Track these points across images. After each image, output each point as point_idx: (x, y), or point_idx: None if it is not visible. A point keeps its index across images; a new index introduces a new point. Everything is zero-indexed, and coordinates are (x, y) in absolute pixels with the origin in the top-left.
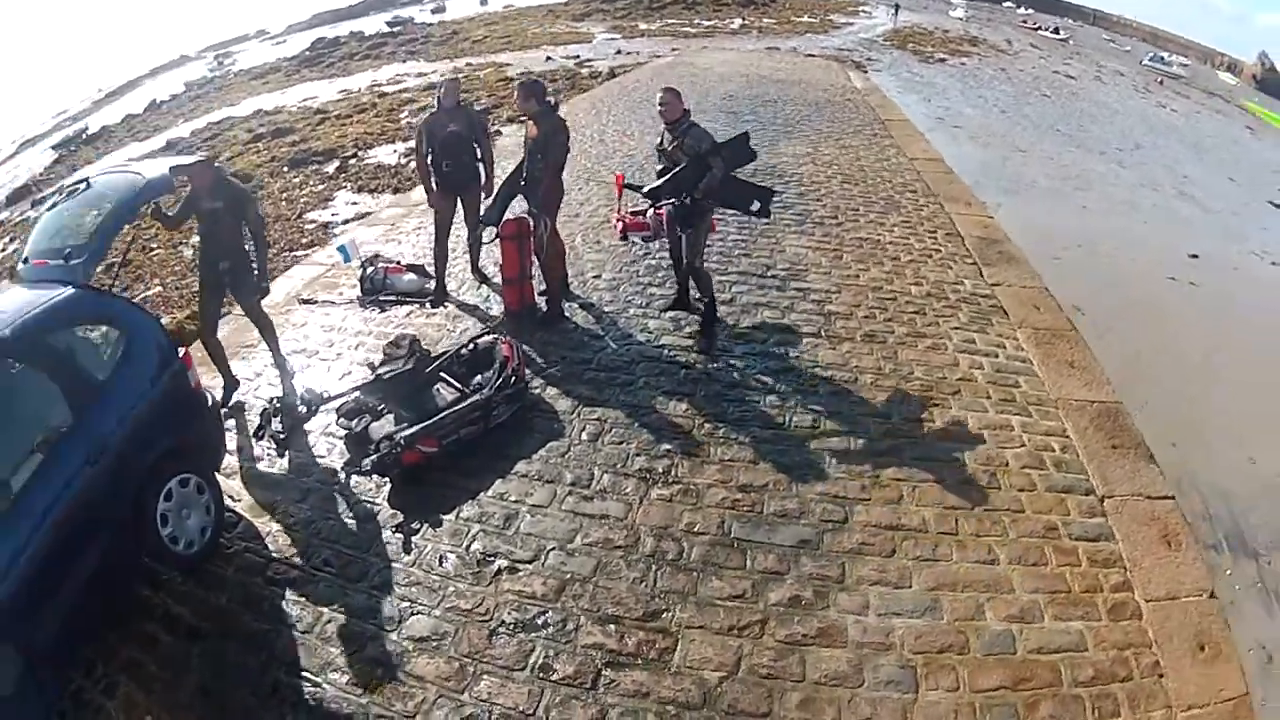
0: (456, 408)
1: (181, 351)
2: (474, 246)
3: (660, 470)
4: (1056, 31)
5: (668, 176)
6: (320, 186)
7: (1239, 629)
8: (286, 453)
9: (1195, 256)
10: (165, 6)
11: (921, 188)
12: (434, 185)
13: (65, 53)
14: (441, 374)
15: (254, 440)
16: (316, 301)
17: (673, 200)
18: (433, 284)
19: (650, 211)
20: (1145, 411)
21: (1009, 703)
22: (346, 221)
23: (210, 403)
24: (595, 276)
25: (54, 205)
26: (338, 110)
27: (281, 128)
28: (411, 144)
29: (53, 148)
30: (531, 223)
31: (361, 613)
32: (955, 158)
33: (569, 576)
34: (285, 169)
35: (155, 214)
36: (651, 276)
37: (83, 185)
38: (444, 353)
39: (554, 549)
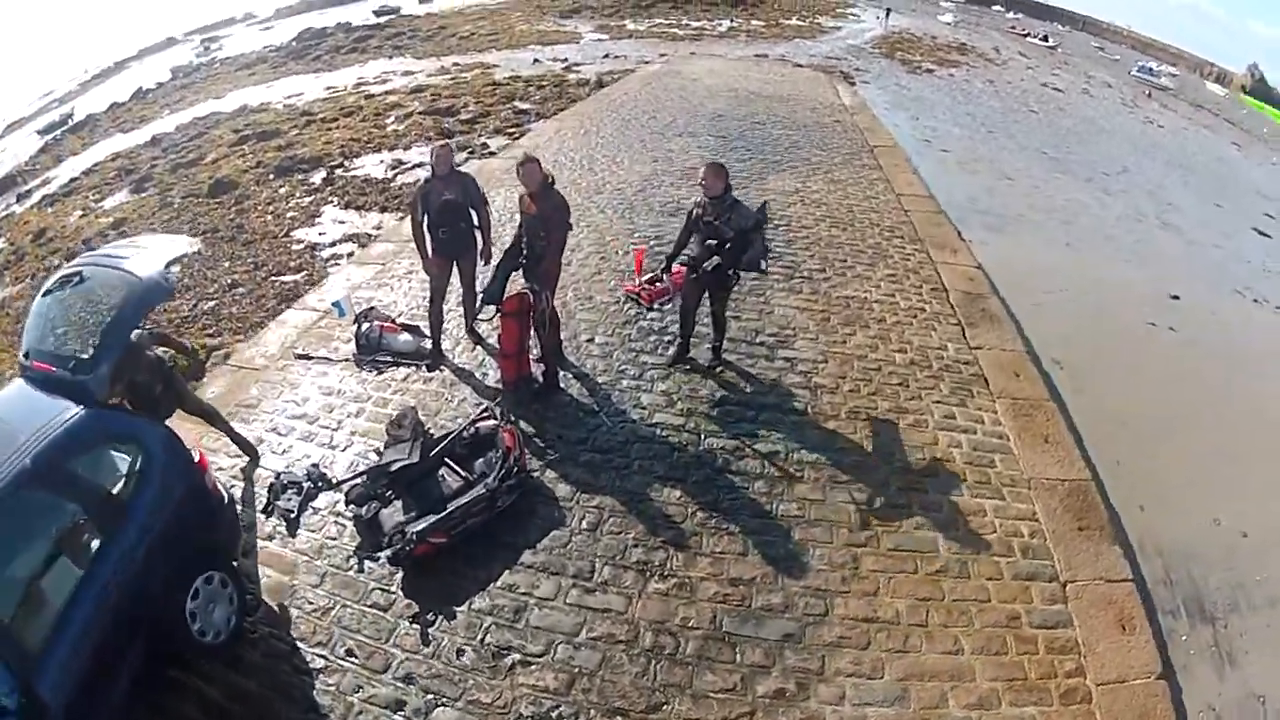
0: (463, 500)
1: (196, 455)
2: (469, 307)
3: (657, 563)
4: (1045, 39)
5: (724, 252)
6: (307, 199)
7: (1191, 694)
8: (298, 531)
9: (1176, 298)
10: None
11: (909, 231)
12: (429, 251)
13: (52, 29)
14: (445, 459)
15: (264, 516)
16: (312, 357)
17: (700, 267)
18: (428, 343)
19: (666, 277)
20: (1117, 472)
21: None
22: (334, 243)
23: (227, 499)
24: (588, 340)
25: (49, 293)
26: (324, 112)
27: (267, 130)
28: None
29: (38, 133)
30: (532, 298)
31: (389, 704)
32: (942, 188)
33: (578, 670)
34: (271, 176)
35: None
36: (644, 341)
37: (76, 278)
38: (446, 435)
39: (562, 643)
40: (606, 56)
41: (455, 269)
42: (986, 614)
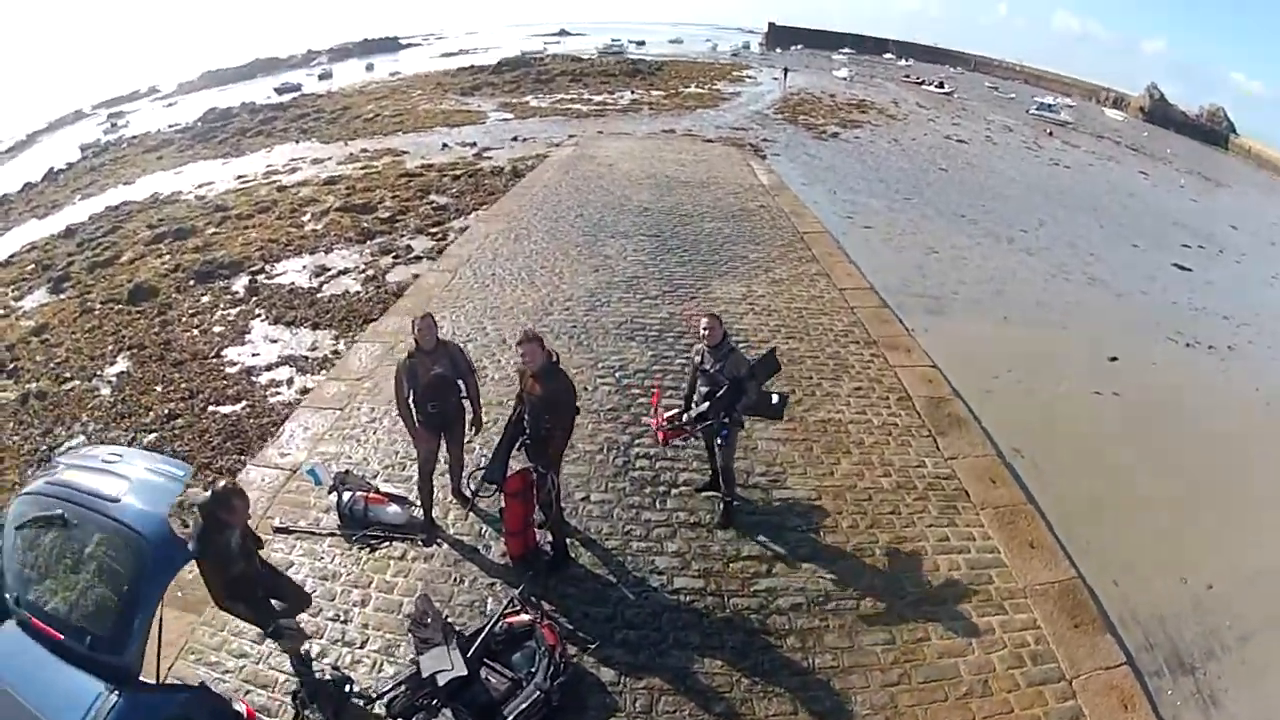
0: (522, 705)
1: (244, 709)
2: (456, 473)
3: None
4: (941, 85)
5: (713, 400)
6: (232, 312)
7: None
8: None
9: (1114, 359)
10: (61, 53)
11: (861, 334)
12: (418, 425)
13: None
14: (484, 659)
15: None
16: (294, 531)
17: (709, 420)
18: (419, 512)
19: (685, 418)
20: (1089, 554)
21: None
22: (271, 366)
23: None
24: (583, 498)
25: (22, 527)
26: (238, 207)
27: (183, 227)
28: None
29: None
30: (535, 478)
31: None
32: (875, 271)
33: None
34: (192, 282)
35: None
36: (640, 495)
37: (57, 520)
38: (478, 632)
39: None
40: (515, 139)
41: (443, 439)
42: None
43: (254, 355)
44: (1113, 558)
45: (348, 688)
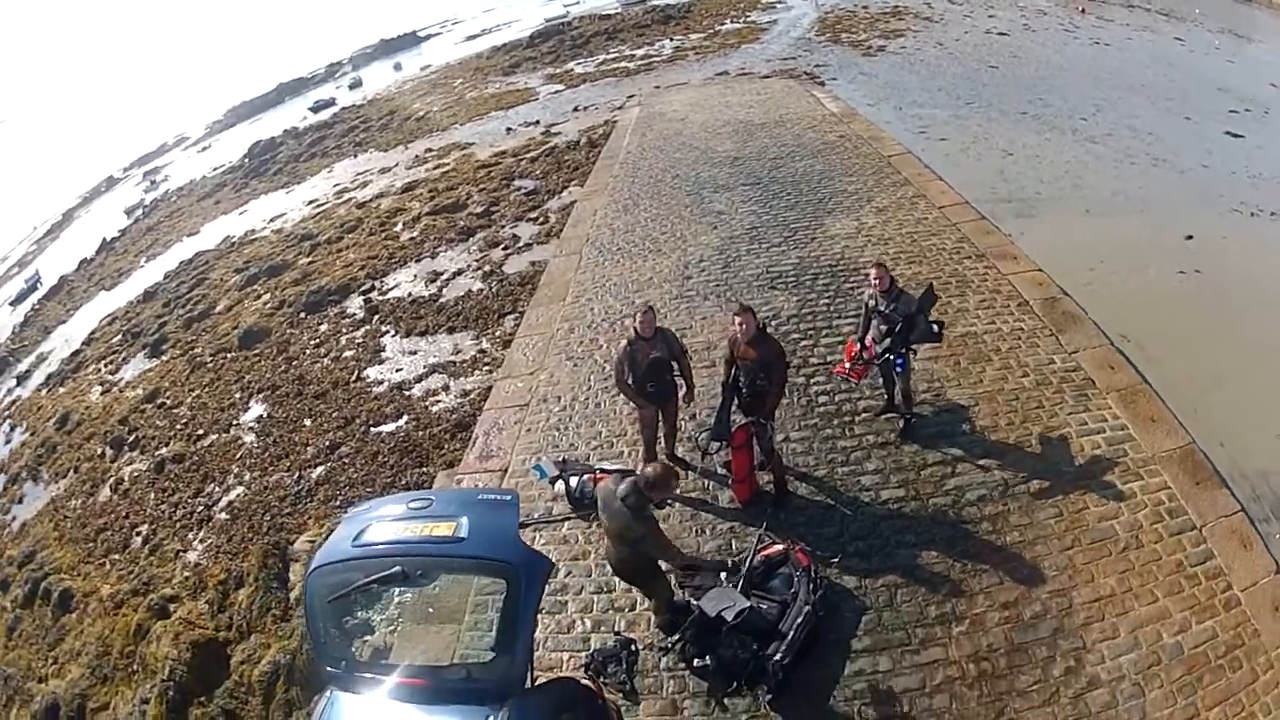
0: (796, 621)
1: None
2: (670, 439)
3: (949, 611)
4: None
5: (893, 336)
6: (358, 334)
7: None
8: (639, 698)
9: (1190, 238)
10: (72, 125)
11: (970, 248)
12: (641, 401)
13: None
14: (751, 591)
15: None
16: (532, 524)
17: (889, 354)
18: None
19: (864, 354)
20: (1196, 421)
21: (1188, 682)
22: (420, 378)
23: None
24: (783, 439)
25: (340, 597)
26: (323, 233)
27: (274, 264)
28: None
29: (9, 304)
30: (756, 429)
31: None
32: (962, 184)
33: (938, 712)
34: (303, 315)
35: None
36: (831, 428)
37: (396, 576)
38: (737, 565)
39: (917, 697)
40: (576, 110)
41: (660, 413)
42: (1163, 567)
43: (397, 371)
44: (1217, 423)
45: (633, 647)
